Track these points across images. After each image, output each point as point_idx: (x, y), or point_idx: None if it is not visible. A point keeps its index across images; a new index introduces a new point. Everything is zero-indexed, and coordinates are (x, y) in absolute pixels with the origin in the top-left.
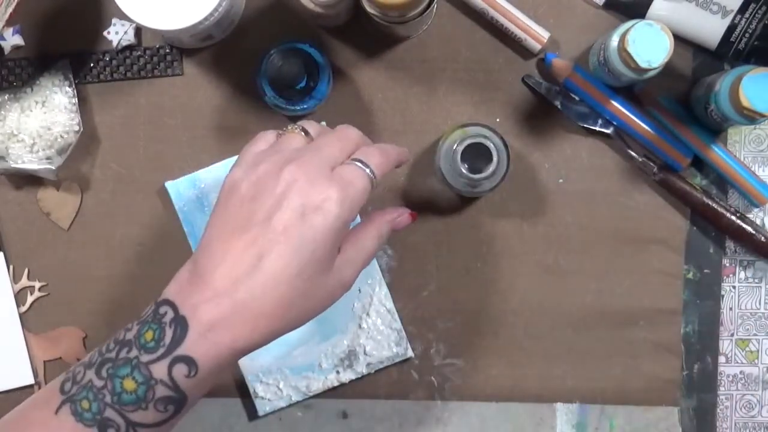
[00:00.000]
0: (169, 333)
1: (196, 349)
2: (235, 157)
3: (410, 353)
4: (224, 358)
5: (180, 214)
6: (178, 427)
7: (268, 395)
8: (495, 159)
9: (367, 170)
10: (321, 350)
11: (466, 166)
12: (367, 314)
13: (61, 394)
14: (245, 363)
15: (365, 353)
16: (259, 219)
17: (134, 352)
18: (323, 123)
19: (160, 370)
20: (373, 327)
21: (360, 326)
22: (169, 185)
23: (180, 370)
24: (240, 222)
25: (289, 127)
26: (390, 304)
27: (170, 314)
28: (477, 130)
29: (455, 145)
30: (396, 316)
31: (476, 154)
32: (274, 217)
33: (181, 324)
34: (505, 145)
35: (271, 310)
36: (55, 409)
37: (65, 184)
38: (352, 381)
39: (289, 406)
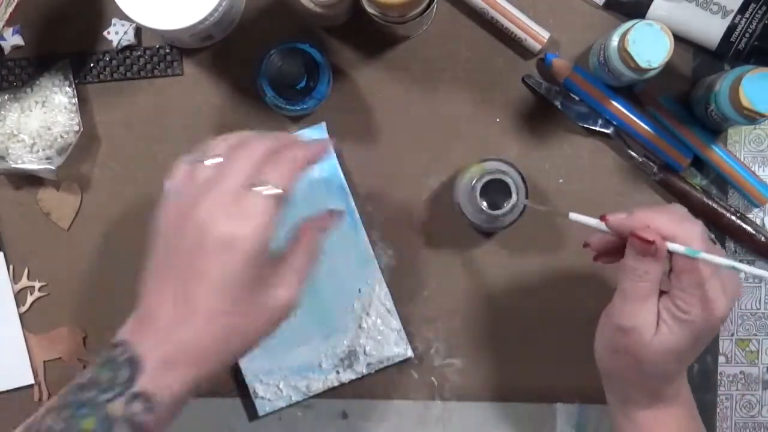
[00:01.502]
0: (123, 373)
1: (150, 387)
2: None
3: (410, 353)
4: (179, 393)
5: None
6: (177, 427)
7: (268, 395)
8: (514, 195)
9: (274, 191)
10: (321, 350)
11: (485, 203)
12: (367, 314)
13: None
14: (245, 363)
15: (365, 353)
16: (183, 262)
17: (92, 393)
18: (323, 123)
19: (116, 409)
20: (373, 327)
21: (360, 326)
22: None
23: (136, 407)
24: (168, 266)
25: (198, 155)
26: (390, 304)
27: (124, 354)
28: (495, 166)
29: (473, 181)
30: (396, 316)
31: (495, 190)
32: (195, 260)
33: (133, 363)
34: (524, 180)
35: (211, 345)
36: None
37: (65, 184)
38: (352, 381)
39: (289, 406)
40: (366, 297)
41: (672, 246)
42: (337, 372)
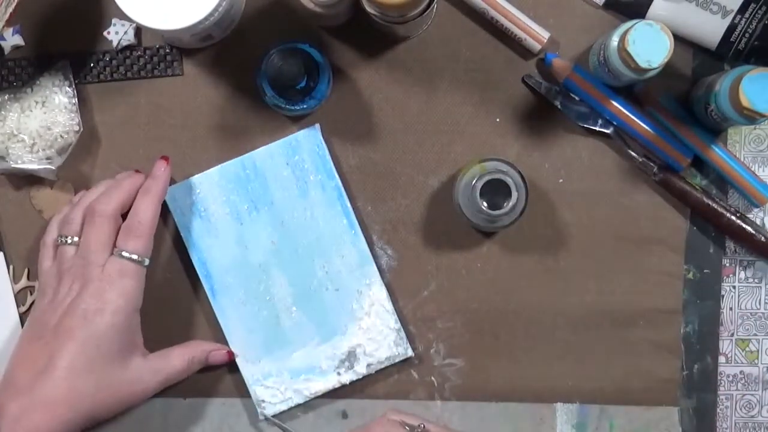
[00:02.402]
0: None
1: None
2: (233, 161)
3: (410, 353)
4: None
5: (177, 220)
6: (177, 427)
7: (269, 398)
8: (514, 194)
9: (134, 257)
10: (321, 352)
11: (485, 202)
12: (367, 315)
13: None
14: (245, 367)
15: (365, 354)
16: (52, 325)
17: None
18: (317, 126)
19: None
20: (373, 327)
21: (359, 327)
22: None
23: None
24: (37, 331)
25: (56, 233)
26: (389, 305)
27: None
28: (495, 165)
29: (474, 181)
30: (395, 316)
31: (495, 190)
32: (63, 323)
33: None
34: (523, 180)
35: (63, 399)
36: None
37: (59, 183)
38: (352, 382)
39: (290, 409)
40: (365, 298)
41: None
42: (338, 373)
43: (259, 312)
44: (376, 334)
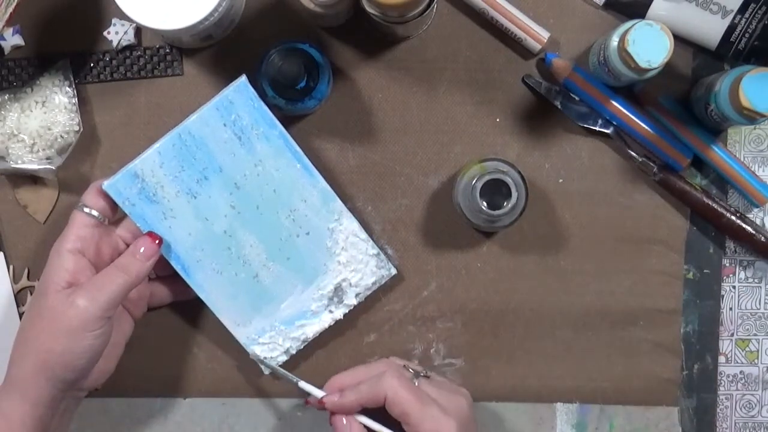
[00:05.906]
0: None
1: None
2: (168, 136)
3: (393, 271)
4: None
5: (128, 212)
6: (178, 427)
7: (268, 353)
8: (514, 194)
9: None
10: (308, 296)
11: (485, 202)
12: (343, 249)
13: None
14: (238, 331)
15: (351, 285)
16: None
17: None
18: (243, 77)
19: None
20: (352, 259)
21: (339, 262)
22: (108, 187)
23: None
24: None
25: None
26: (363, 234)
27: None
28: (495, 165)
29: (473, 181)
30: (371, 242)
31: (495, 190)
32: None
33: None
34: (523, 180)
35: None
36: None
37: (44, 179)
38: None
39: (292, 357)
40: (337, 233)
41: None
42: (330, 311)
43: (236, 276)
44: (356, 264)
